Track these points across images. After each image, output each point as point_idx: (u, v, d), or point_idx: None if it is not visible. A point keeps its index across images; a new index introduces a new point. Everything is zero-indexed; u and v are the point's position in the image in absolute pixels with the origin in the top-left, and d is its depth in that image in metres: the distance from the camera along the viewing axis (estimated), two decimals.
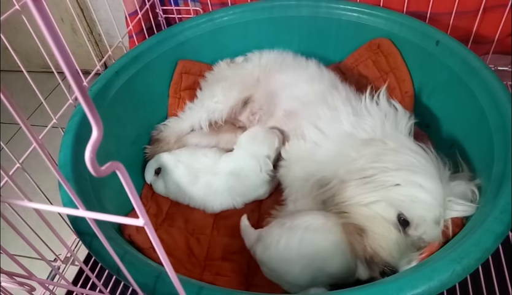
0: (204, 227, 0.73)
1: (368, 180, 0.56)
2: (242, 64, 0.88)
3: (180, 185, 0.75)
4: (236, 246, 0.68)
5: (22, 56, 0.60)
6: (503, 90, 0.60)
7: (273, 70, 0.83)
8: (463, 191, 0.54)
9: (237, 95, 0.82)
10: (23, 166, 0.57)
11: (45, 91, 1.36)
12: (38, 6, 0.16)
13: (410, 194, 0.53)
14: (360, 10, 0.83)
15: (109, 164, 0.21)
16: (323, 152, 0.67)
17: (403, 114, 0.66)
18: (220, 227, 0.73)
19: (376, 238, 0.54)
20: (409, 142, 0.59)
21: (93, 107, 0.19)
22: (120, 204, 0.64)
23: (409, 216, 0.53)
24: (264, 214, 0.72)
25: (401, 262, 0.52)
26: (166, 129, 0.84)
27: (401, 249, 0.53)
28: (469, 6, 0.82)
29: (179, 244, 0.68)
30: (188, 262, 0.65)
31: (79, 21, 1.24)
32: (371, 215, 0.55)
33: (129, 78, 0.76)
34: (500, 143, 0.55)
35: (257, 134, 0.75)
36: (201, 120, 0.82)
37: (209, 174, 0.74)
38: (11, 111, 0.23)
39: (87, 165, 0.20)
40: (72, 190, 0.28)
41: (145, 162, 0.81)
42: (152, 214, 0.74)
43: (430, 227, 0.51)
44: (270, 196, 0.77)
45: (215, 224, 0.74)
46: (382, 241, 0.53)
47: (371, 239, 0.54)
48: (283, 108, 0.79)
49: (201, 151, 0.78)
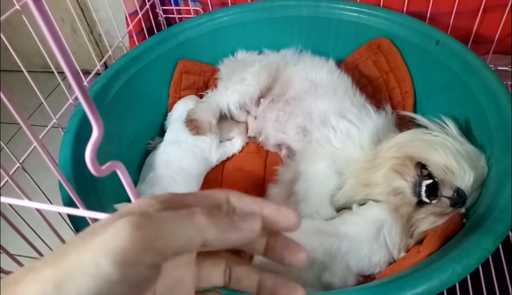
0: None
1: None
2: (263, 54, 0.90)
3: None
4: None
5: (22, 56, 0.60)
6: (503, 90, 0.60)
7: (291, 62, 0.85)
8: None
9: (267, 77, 0.82)
10: (23, 166, 0.57)
11: (45, 91, 1.36)
12: (38, 6, 0.16)
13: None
14: (360, 10, 0.83)
15: (109, 163, 0.21)
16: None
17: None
18: None
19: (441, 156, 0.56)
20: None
21: (94, 107, 0.19)
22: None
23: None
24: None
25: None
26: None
27: (464, 157, 0.55)
28: (469, 6, 0.82)
29: None
30: None
31: (79, 21, 1.24)
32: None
33: (130, 78, 0.76)
34: (500, 143, 0.55)
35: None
36: (230, 102, 0.80)
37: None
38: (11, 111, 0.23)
39: (87, 164, 0.20)
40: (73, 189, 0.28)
41: (144, 162, 0.81)
42: None
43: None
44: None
45: None
46: (448, 154, 0.55)
47: (437, 159, 0.56)
48: (294, 88, 0.80)
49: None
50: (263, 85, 0.81)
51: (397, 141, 0.62)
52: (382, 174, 0.61)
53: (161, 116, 0.87)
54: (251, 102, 0.82)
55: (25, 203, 0.30)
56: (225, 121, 0.86)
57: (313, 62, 0.83)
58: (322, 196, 0.65)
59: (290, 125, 0.78)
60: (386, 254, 0.57)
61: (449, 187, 0.55)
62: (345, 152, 0.67)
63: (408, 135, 0.62)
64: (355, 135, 0.67)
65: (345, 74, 0.82)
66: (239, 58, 0.91)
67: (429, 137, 0.60)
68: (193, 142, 0.77)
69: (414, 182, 0.57)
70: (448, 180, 0.55)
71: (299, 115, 0.77)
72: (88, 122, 0.19)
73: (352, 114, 0.70)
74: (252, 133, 0.86)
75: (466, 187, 0.54)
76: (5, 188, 0.49)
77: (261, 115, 0.83)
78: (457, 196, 0.54)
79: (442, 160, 0.55)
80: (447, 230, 0.51)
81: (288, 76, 0.83)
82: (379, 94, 0.84)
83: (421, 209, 0.57)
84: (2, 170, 0.37)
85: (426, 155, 0.57)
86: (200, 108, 0.80)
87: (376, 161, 0.63)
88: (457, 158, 0.55)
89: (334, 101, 0.74)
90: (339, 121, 0.70)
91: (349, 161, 0.66)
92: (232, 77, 0.83)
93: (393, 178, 0.59)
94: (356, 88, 0.80)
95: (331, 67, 0.83)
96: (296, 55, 0.87)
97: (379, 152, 0.63)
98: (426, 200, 0.56)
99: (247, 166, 0.82)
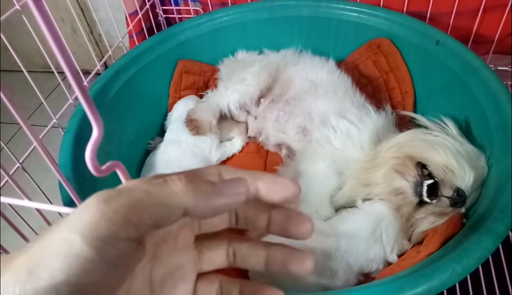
0: None
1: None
2: (263, 54, 0.90)
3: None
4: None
5: (22, 56, 0.60)
6: (503, 90, 0.60)
7: (291, 62, 0.85)
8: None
9: (267, 77, 0.82)
10: (23, 166, 0.57)
11: (45, 91, 1.36)
12: (38, 6, 0.16)
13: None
14: (360, 10, 0.83)
15: (109, 163, 0.21)
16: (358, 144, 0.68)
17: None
18: None
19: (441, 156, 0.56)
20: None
21: (94, 106, 0.19)
22: None
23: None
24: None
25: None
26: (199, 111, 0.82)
27: (464, 156, 0.55)
28: (469, 6, 0.82)
29: None
30: None
31: (79, 21, 1.24)
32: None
33: (130, 78, 0.76)
34: (500, 143, 0.55)
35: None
36: (230, 102, 0.80)
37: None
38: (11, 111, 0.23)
39: (87, 164, 0.20)
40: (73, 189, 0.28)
41: (144, 162, 0.81)
42: None
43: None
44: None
45: None
46: (448, 154, 0.56)
47: (437, 159, 0.56)
48: (294, 88, 0.80)
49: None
50: (263, 85, 0.81)
51: (397, 141, 0.62)
52: (383, 174, 0.61)
53: (161, 116, 0.87)
54: (251, 102, 0.82)
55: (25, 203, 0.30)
56: (225, 121, 0.86)
57: (313, 63, 0.83)
58: (322, 197, 0.65)
59: (290, 125, 0.78)
60: (381, 249, 0.57)
61: (449, 187, 0.55)
62: (345, 152, 0.67)
63: (408, 135, 0.63)
64: (355, 135, 0.67)
65: (345, 74, 0.82)
66: (239, 58, 0.91)
67: (429, 137, 0.60)
68: (193, 142, 0.77)
69: (415, 182, 0.57)
70: (448, 180, 0.55)
71: (299, 115, 0.77)
72: (88, 122, 0.19)
73: (352, 114, 0.70)
74: (252, 133, 0.86)
75: (466, 187, 0.54)
76: (5, 188, 0.49)
77: (261, 115, 0.83)
78: (457, 196, 0.54)
79: (443, 160, 0.56)
80: (447, 230, 0.51)
81: (288, 76, 0.83)
82: (379, 94, 0.84)
83: (421, 209, 0.57)
84: (2, 170, 0.37)
85: (427, 155, 0.57)
86: (200, 108, 0.80)
87: (376, 161, 0.63)
88: (457, 158, 0.55)
89: (334, 101, 0.74)
90: (339, 121, 0.70)
91: (349, 161, 0.66)
92: (232, 77, 0.83)
93: (394, 178, 0.59)
94: (356, 88, 0.80)
95: (331, 67, 0.83)
96: (296, 55, 0.87)
97: (379, 152, 0.63)
98: (428, 200, 0.56)
99: (247, 166, 0.82)
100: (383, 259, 0.57)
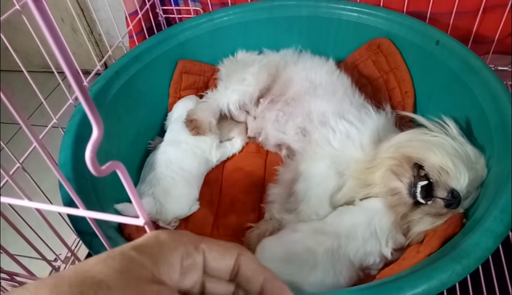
0: (204, 227, 0.73)
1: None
2: (263, 54, 0.90)
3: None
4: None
5: (22, 56, 0.60)
6: (503, 90, 0.60)
7: (290, 62, 0.85)
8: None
9: (267, 77, 0.82)
10: (23, 166, 0.57)
11: (45, 91, 1.36)
12: (38, 6, 0.16)
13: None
14: (360, 10, 0.83)
15: (109, 163, 0.21)
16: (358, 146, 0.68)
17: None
18: (220, 227, 0.73)
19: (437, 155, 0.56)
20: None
21: (94, 106, 0.19)
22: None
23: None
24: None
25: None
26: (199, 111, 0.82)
27: (461, 157, 0.56)
28: (469, 6, 0.82)
29: None
30: None
31: (79, 21, 1.24)
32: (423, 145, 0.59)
33: (130, 78, 0.76)
34: (500, 143, 0.55)
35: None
36: (229, 102, 0.80)
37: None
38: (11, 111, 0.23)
39: (87, 164, 0.20)
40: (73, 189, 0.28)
41: (144, 162, 0.81)
42: None
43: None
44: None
45: (215, 223, 0.74)
46: (444, 155, 0.56)
47: (433, 160, 0.56)
48: (294, 88, 0.80)
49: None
50: (263, 85, 0.81)
51: (395, 141, 0.62)
52: (380, 174, 0.61)
53: (161, 116, 0.87)
54: (251, 102, 0.82)
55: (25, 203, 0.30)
56: (225, 121, 0.86)
57: (313, 62, 0.83)
58: (322, 197, 0.65)
59: (289, 125, 0.78)
60: (376, 243, 0.58)
61: (443, 188, 0.55)
62: (344, 152, 0.67)
63: (407, 135, 0.63)
64: (355, 136, 0.67)
65: (345, 74, 0.82)
66: (239, 58, 0.91)
67: (427, 137, 0.60)
68: (193, 142, 0.77)
69: (410, 183, 0.57)
70: (443, 181, 0.55)
71: (298, 115, 0.77)
72: (88, 122, 0.19)
73: (351, 115, 0.70)
74: (252, 133, 0.86)
75: (461, 188, 0.54)
76: (5, 188, 0.49)
77: (261, 115, 0.83)
78: (451, 197, 0.54)
79: (438, 160, 0.55)
80: (447, 230, 0.51)
81: (287, 76, 0.83)
82: (379, 94, 0.84)
83: (417, 210, 0.57)
84: (2, 170, 0.37)
85: (423, 155, 0.57)
86: (200, 108, 0.80)
87: (375, 162, 0.63)
88: (453, 159, 0.55)
89: (333, 102, 0.74)
90: (338, 122, 0.70)
91: (349, 161, 0.66)
92: (232, 77, 0.83)
93: (390, 179, 0.59)
94: (356, 88, 0.80)
95: (330, 67, 0.83)
96: (296, 55, 0.87)
97: (378, 153, 0.63)
98: (422, 201, 0.56)
99: (247, 166, 0.82)
100: (379, 252, 0.58)
